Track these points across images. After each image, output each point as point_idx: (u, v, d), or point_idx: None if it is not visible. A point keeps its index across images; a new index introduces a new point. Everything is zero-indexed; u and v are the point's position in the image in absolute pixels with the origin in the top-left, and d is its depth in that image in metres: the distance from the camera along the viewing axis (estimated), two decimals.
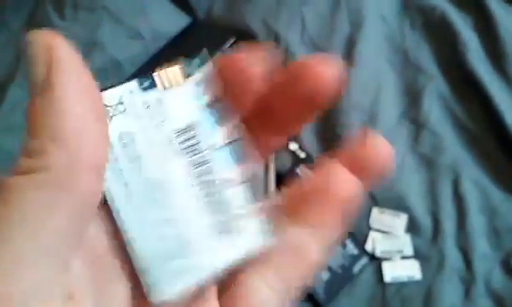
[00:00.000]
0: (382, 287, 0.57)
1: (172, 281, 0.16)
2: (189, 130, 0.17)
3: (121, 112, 0.16)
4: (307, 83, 0.17)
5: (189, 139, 0.17)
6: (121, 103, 0.17)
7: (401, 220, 0.59)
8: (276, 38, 0.72)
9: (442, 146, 0.64)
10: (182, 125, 0.17)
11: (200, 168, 0.17)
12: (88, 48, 0.71)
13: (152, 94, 0.17)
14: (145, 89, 0.17)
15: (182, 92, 0.17)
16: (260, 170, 0.18)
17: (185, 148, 0.17)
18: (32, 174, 0.14)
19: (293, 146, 0.64)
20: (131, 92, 0.17)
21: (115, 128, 0.16)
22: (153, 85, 0.17)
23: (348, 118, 0.65)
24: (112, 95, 0.16)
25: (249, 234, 0.17)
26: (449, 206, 0.60)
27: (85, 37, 0.72)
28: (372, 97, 0.67)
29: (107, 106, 0.16)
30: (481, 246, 0.58)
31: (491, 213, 0.59)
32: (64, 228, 0.14)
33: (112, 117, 0.16)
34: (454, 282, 0.56)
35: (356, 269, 0.58)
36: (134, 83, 0.17)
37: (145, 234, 0.16)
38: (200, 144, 0.17)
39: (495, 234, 0.58)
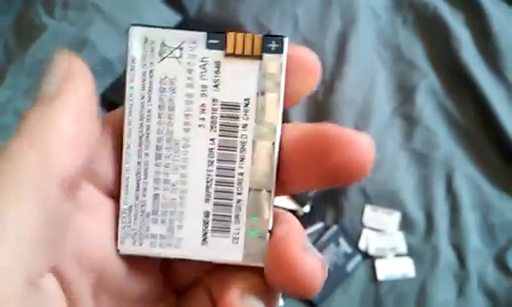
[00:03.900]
0: (376, 285, 0.57)
1: (145, 242, 0.16)
2: (235, 110, 0.16)
3: (175, 57, 0.16)
4: (340, 157, 0.15)
5: (230, 117, 0.16)
6: (180, 48, 0.16)
7: (394, 218, 0.59)
8: None
9: (435, 142, 0.63)
10: (230, 100, 0.16)
11: (226, 152, 0.16)
12: (78, 46, 0.70)
13: (215, 54, 0.16)
14: (211, 46, 0.16)
15: (247, 66, 0.16)
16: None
17: (222, 125, 0.16)
18: None
19: None
20: (194, 43, 0.16)
21: (162, 69, 0.16)
22: (221, 45, 0.16)
23: (341, 114, 0.65)
24: (173, 37, 0.16)
25: (245, 246, 0.16)
26: (442, 203, 0.60)
27: (76, 36, 0.71)
28: (365, 93, 0.67)
29: (164, 44, 0.16)
30: (475, 242, 0.58)
31: (484, 209, 0.59)
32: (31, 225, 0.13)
33: (164, 57, 0.16)
34: (447, 279, 0.56)
35: (349, 267, 0.57)
36: (201, 36, 0.16)
37: (143, 183, 0.16)
38: (238, 129, 0.16)
39: (488, 230, 0.58)
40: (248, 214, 0.16)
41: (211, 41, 0.16)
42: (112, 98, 0.60)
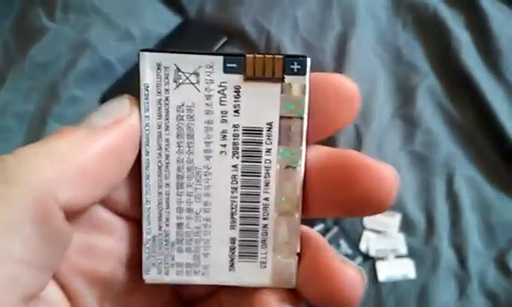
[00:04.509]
0: (377, 286, 0.57)
1: (171, 271, 0.16)
2: (258, 134, 0.16)
3: (192, 83, 0.15)
4: (363, 188, 0.15)
5: (252, 143, 0.16)
6: (196, 74, 0.15)
7: (395, 219, 0.59)
8: (268, 38, 0.72)
9: (436, 144, 0.63)
10: (252, 125, 0.15)
11: (250, 178, 0.16)
12: (79, 49, 0.70)
13: (233, 78, 0.15)
14: (228, 69, 0.15)
15: (268, 89, 0.15)
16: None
17: (245, 151, 0.16)
18: None
19: None
20: (211, 67, 0.15)
21: (178, 97, 0.15)
22: (240, 68, 0.15)
23: None
24: (188, 62, 0.15)
25: (273, 270, 0.16)
26: (442, 204, 0.60)
27: (76, 39, 0.72)
28: (365, 95, 0.66)
29: (179, 70, 0.15)
30: (475, 243, 0.58)
31: (484, 210, 0.59)
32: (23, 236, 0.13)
33: (180, 84, 0.15)
34: (448, 280, 0.56)
35: None
36: (218, 59, 0.15)
37: (165, 213, 0.16)
38: (262, 153, 0.16)
39: (489, 231, 0.58)
40: (275, 238, 0.16)
41: (228, 65, 0.15)
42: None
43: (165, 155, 0.16)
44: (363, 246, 0.58)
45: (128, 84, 0.66)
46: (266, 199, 0.16)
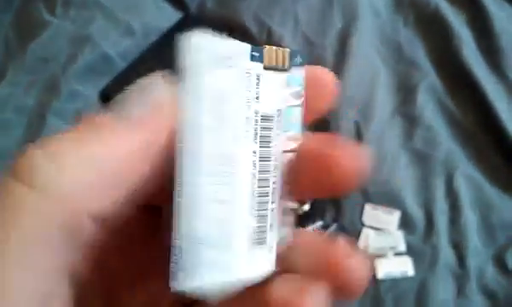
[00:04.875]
0: (375, 284, 0.57)
1: (202, 272, 0.14)
2: (270, 121, 0.16)
3: (226, 68, 0.15)
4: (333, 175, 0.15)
5: (267, 129, 0.16)
6: (230, 58, 0.15)
7: (394, 217, 0.59)
8: (269, 34, 0.72)
9: (435, 141, 0.63)
10: (267, 112, 0.16)
11: (264, 163, 0.16)
12: (79, 43, 0.70)
13: (256, 66, 0.16)
14: (254, 58, 0.16)
15: (278, 78, 0.16)
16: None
17: (261, 136, 0.16)
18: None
19: None
20: (242, 54, 0.15)
21: (214, 81, 0.15)
22: (261, 58, 0.16)
23: (342, 113, 0.65)
24: (225, 47, 0.15)
25: (276, 253, 0.17)
26: (442, 202, 0.60)
27: (77, 33, 0.71)
28: (366, 92, 0.67)
29: (216, 55, 0.15)
30: (474, 241, 0.58)
31: (484, 209, 0.59)
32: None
33: (216, 69, 0.15)
34: (447, 278, 0.56)
35: None
36: (247, 48, 0.16)
37: (197, 205, 0.14)
38: (272, 138, 0.16)
39: (487, 229, 0.58)
40: (278, 222, 0.17)
41: (253, 53, 0.16)
42: (112, 94, 0.60)
43: (198, 141, 0.14)
44: (361, 244, 0.59)
45: (129, 79, 0.66)
46: (274, 182, 0.16)
